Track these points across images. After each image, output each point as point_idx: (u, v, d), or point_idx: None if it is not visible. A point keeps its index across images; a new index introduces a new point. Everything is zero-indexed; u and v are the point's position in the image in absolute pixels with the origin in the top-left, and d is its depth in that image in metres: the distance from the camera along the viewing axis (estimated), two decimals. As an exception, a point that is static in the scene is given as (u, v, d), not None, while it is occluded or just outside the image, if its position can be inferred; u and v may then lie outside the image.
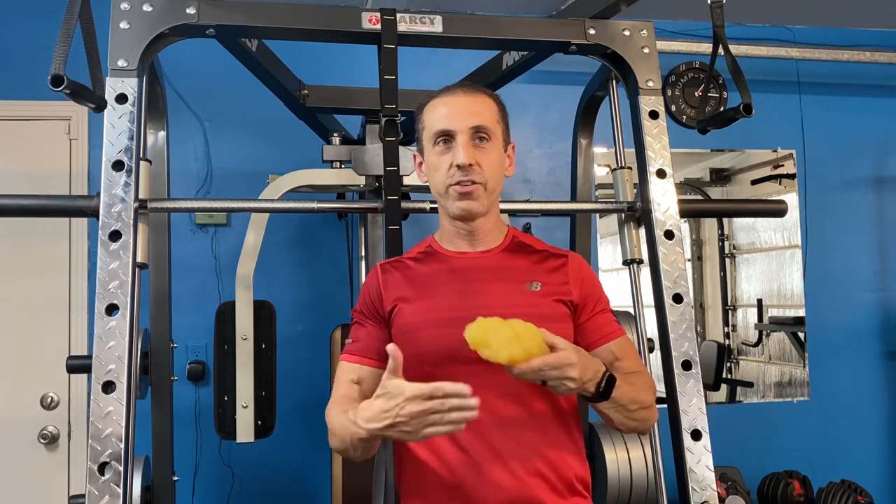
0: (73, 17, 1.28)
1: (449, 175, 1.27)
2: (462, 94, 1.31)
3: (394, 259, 1.40)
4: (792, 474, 2.80)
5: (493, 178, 1.29)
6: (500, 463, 1.21)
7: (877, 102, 3.26)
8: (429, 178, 1.34)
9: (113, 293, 1.39)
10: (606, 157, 2.95)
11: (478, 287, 1.30)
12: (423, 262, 1.36)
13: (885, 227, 3.23)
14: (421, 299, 1.30)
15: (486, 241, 1.35)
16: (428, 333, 1.25)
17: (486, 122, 1.29)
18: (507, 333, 1.05)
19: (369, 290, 1.36)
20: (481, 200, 1.28)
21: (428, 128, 1.32)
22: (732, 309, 3.20)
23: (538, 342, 1.07)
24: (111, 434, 1.31)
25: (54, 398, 2.57)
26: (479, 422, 1.19)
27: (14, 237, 2.59)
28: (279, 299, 2.24)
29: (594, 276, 1.39)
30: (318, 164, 2.14)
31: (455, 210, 1.29)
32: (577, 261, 1.38)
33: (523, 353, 1.05)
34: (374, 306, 1.34)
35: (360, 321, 1.35)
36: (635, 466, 2.02)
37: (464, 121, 1.27)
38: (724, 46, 1.66)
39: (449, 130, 1.28)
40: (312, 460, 2.66)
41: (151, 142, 1.89)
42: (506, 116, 1.36)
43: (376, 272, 1.37)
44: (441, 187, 1.30)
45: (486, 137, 1.29)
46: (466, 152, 1.26)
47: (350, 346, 1.34)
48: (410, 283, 1.33)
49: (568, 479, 1.25)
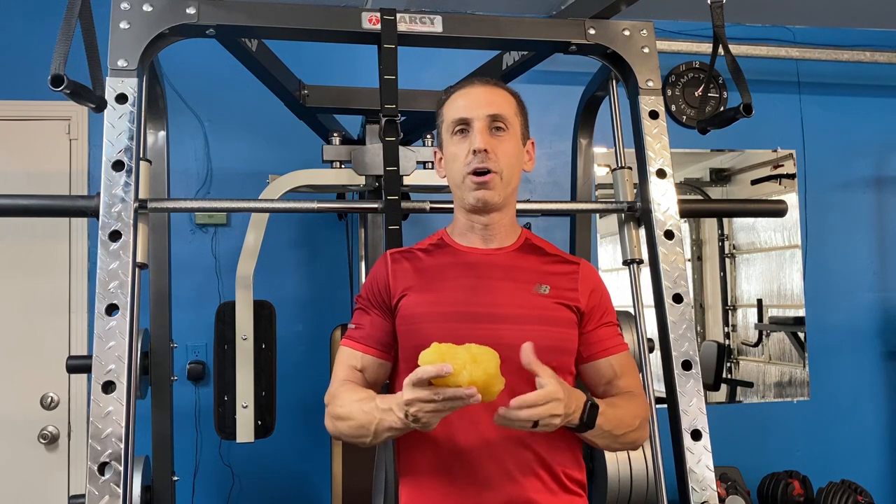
0: (73, 17, 1.28)
1: (465, 163, 1.27)
2: (480, 86, 1.32)
3: (404, 249, 1.39)
4: (792, 474, 2.80)
5: (509, 167, 1.29)
6: (494, 461, 1.21)
7: (877, 102, 3.26)
8: (446, 171, 1.34)
9: (113, 293, 1.39)
10: (606, 157, 2.95)
11: (488, 284, 1.29)
12: (433, 254, 1.35)
13: (885, 227, 3.23)
14: (429, 291, 1.29)
15: (500, 238, 1.34)
16: (433, 326, 1.24)
17: (503, 112, 1.29)
18: (464, 356, 1.05)
19: (377, 278, 1.35)
20: (497, 190, 1.28)
21: (446, 120, 1.32)
22: (732, 309, 3.20)
23: (496, 363, 1.06)
24: (111, 434, 1.31)
25: (54, 398, 2.57)
26: (478, 419, 1.20)
27: (14, 237, 2.59)
28: (279, 299, 2.24)
29: (604, 288, 1.39)
30: (318, 164, 2.14)
31: (471, 200, 1.28)
32: (589, 269, 1.38)
33: (483, 375, 1.04)
34: (380, 295, 1.33)
35: (364, 308, 1.34)
36: (635, 466, 2.02)
37: (481, 109, 1.28)
38: (724, 46, 1.66)
39: (466, 118, 1.28)
40: (312, 460, 2.66)
41: (151, 142, 1.89)
42: (525, 112, 1.37)
43: (385, 261, 1.36)
44: (458, 177, 1.29)
45: (502, 127, 1.29)
46: (482, 137, 1.26)
47: (353, 332, 1.32)
48: (419, 273, 1.32)
49: (563, 480, 1.26)
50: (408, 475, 1.29)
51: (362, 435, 1.18)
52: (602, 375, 1.32)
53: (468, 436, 1.22)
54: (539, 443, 1.23)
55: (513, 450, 1.22)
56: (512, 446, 1.22)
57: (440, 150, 1.37)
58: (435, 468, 1.24)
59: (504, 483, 1.21)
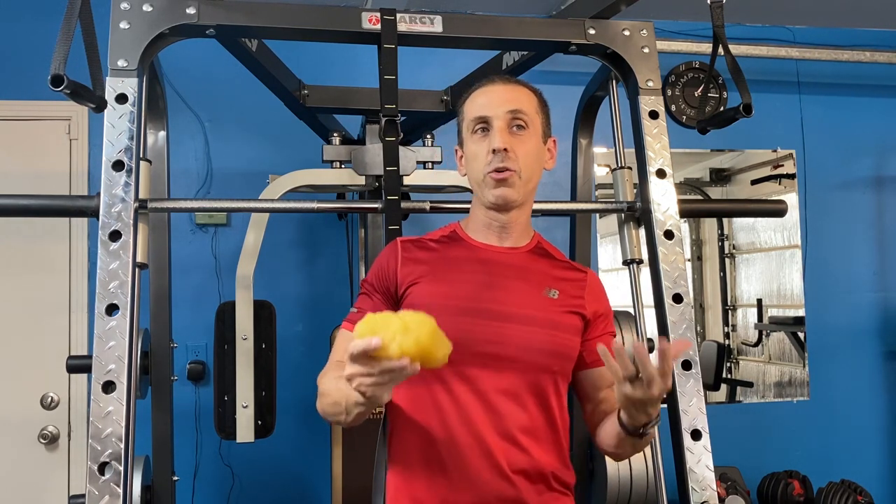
0: (73, 17, 1.28)
1: (486, 162, 1.27)
2: (501, 84, 1.32)
3: (414, 238, 1.38)
4: (792, 474, 2.80)
5: (528, 167, 1.29)
6: (486, 458, 1.21)
7: (877, 102, 3.26)
8: (467, 170, 1.33)
9: (113, 293, 1.39)
10: (606, 157, 2.95)
11: (500, 282, 1.29)
12: (446, 245, 1.35)
13: (885, 227, 3.23)
14: (439, 283, 1.28)
15: (515, 237, 1.34)
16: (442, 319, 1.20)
17: (524, 108, 1.29)
18: (395, 326, 0.99)
19: (386, 264, 1.33)
20: (517, 188, 1.28)
21: (467, 118, 1.32)
22: (732, 309, 3.20)
23: (429, 329, 1.01)
24: (111, 434, 1.31)
25: (54, 398, 2.57)
26: (473, 413, 1.21)
27: (14, 237, 2.59)
28: (279, 299, 2.24)
29: (607, 299, 1.40)
30: (318, 164, 2.14)
31: (491, 198, 1.28)
32: (595, 279, 1.40)
33: (414, 345, 0.98)
34: (386, 282, 1.32)
35: (368, 293, 1.34)
36: (635, 466, 2.02)
37: (500, 106, 1.27)
38: (724, 46, 1.66)
39: (485, 117, 1.28)
40: (312, 460, 2.66)
41: (151, 142, 1.89)
42: (547, 109, 1.36)
43: (395, 248, 1.34)
44: (479, 175, 1.29)
45: (523, 125, 1.28)
46: (502, 136, 1.25)
47: (354, 316, 1.31)
48: (430, 264, 1.31)
49: (550, 482, 1.26)
50: (396, 464, 1.28)
51: (338, 412, 1.14)
52: (605, 381, 1.32)
53: (460, 430, 1.22)
54: (530, 443, 1.24)
55: (505, 448, 1.22)
56: (505, 444, 1.22)
57: (461, 147, 1.36)
58: (424, 460, 1.24)
59: (494, 480, 1.21)
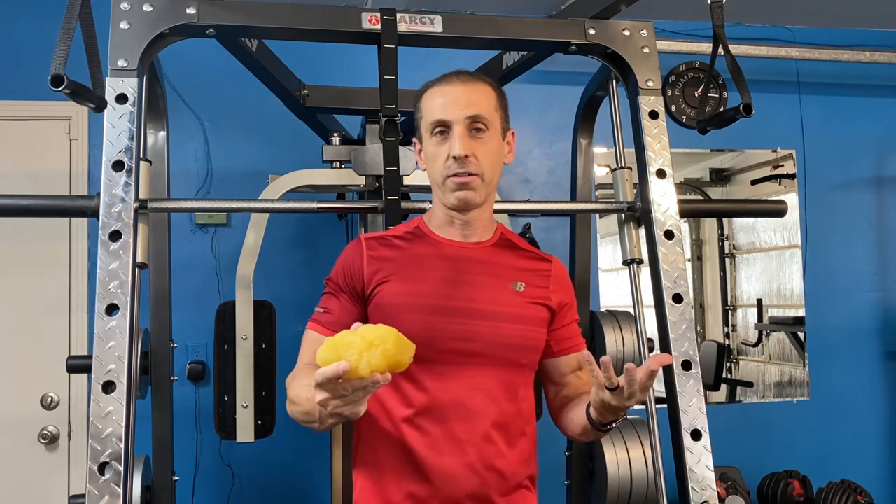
0: (73, 17, 1.28)
1: (446, 167, 1.27)
2: (459, 84, 1.30)
3: (378, 234, 1.38)
4: (792, 474, 2.80)
5: (490, 168, 1.29)
6: (460, 453, 1.22)
7: (877, 102, 3.26)
8: (427, 169, 1.34)
9: (113, 293, 1.39)
10: (606, 157, 2.95)
11: (467, 279, 1.29)
12: (411, 242, 1.34)
13: (885, 227, 3.23)
14: (407, 282, 1.28)
15: (479, 233, 1.35)
16: (412, 318, 1.23)
17: (483, 111, 1.28)
18: (359, 345, 0.99)
19: (350, 263, 1.32)
20: (478, 191, 1.28)
21: (425, 117, 1.31)
22: (732, 309, 3.20)
23: (393, 340, 1.00)
24: (111, 434, 1.31)
25: (54, 398, 2.57)
26: (447, 409, 1.22)
27: (14, 237, 2.59)
28: (279, 299, 2.24)
29: (571, 286, 1.43)
30: (318, 164, 2.14)
31: (452, 200, 1.29)
32: (560, 268, 1.41)
33: (382, 359, 0.98)
34: (352, 281, 1.30)
35: (333, 292, 1.32)
36: (635, 466, 2.02)
37: (460, 111, 1.26)
38: (724, 46, 1.66)
39: (445, 121, 1.27)
40: (312, 460, 2.66)
41: (151, 142, 1.89)
42: (505, 103, 1.35)
43: (360, 246, 1.33)
44: (439, 178, 1.29)
45: (482, 128, 1.28)
46: (462, 143, 1.25)
47: (321, 316, 1.30)
48: (397, 263, 1.31)
49: (519, 478, 1.28)
50: (365, 463, 1.28)
51: (310, 421, 1.14)
52: (570, 367, 1.37)
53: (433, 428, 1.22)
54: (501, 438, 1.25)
55: (478, 444, 1.23)
56: (477, 440, 1.23)
57: (420, 142, 1.35)
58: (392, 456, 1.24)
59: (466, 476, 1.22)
